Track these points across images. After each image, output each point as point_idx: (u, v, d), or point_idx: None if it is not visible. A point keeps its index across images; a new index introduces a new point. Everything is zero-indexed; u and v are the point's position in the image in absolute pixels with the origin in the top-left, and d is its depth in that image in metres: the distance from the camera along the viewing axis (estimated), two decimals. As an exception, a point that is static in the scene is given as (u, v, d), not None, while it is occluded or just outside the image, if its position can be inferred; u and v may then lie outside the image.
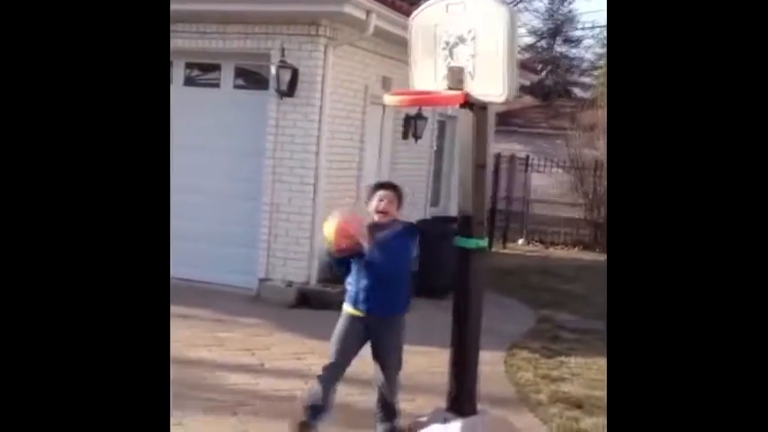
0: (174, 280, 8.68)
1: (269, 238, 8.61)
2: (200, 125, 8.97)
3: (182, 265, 8.83)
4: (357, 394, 5.43)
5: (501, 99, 4.39)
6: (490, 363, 6.38)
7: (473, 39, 4.42)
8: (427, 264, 9.31)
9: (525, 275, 11.47)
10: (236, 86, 9.14)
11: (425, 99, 4.88)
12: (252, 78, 9.15)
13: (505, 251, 14.62)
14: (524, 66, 15.53)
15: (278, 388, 5.64)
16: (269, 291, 8.48)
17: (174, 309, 7.78)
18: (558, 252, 15.49)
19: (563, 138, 16.41)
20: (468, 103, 4.47)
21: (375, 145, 10.30)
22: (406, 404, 5.46)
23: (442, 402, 4.89)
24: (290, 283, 8.46)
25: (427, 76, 4.68)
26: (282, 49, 8.33)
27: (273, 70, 8.40)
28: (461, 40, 4.48)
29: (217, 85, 9.16)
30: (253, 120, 8.72)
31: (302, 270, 8.58)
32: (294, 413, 4.58)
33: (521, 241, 16.08)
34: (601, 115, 14.96)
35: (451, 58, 4.55)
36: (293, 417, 4.56)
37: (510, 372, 6.46)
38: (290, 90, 8.37)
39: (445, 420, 4.70)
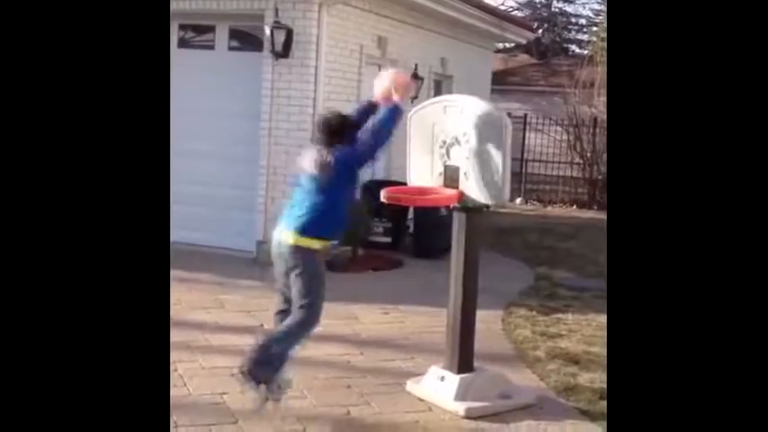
0: (173, 244, 8.70)
1: (266, 200, 8.61)
2: (195, 88, 8.92)
3: (181, 228, 8.85)
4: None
5: (493, 202, 4.69)
6: (488, 321, 6.44)
7: (467, 141, 4.67)
8: (423, 225, 9.34)
9: (523, 234, 11.50)
10: (231, 48, 9.07)
11: (421, 200, 5.14)
12: (246, 40, 9.07)
13: (503, 210, 14.64)
14: (521, 23, 15.42)
15: (278, 349, 5.69)
16: (268, 253, 8.46)
17: (173, 272, 7.80)
18: (555, 211, 15.52)
19: (561, 95, 16.33)
20: (463, 205, 4.73)
21: (371, 105, 10.24)
22: (403, 363, 5.53)
23: (440, 362, 4.96)
24: (288, 245, 8.47)
25: (424, 171, 4.95)
26: (276, 10, 8.24)
27: (268, 31, 8.33)
28: (457, 141, 4.75)
29: (211, 47, 9.09)
30: (248, 82, 8.66)
31: (300, 232, 8.59)
32: None
33: (518, 200, 16.10)
34: (599, 72, 14.87)
35: (448, 158, 4.81)
36: None
37: (508, 329, 6.52)
38: (284, 51, 8.30)
39: (442, 379, 4.77)
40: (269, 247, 8.50)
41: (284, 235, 4.43)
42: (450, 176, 4.78)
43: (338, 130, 4.43)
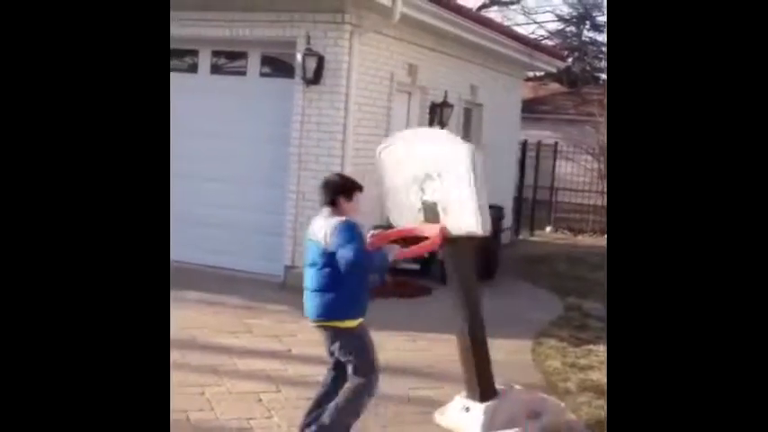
0: (201, 267, 8.78)
1: (295, 225, 8.62)
2: (226, 113, 9.00)
3: (209, 252, 8.92)
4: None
5: (478, 233, 4.54)
6: (517, 351, 6.36)
7: (440, 175, 4.59)
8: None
9: (553, 263, 11.39)
10: (263, 74, 9.14)
11: (408, 252, 4.66)
12: (278, 66, 9.14)
13: (533, 239, 14.54)
14: (551, 52, 15.40)
15: (304, 374, 5.66)
16: (295, 278, 8.45)
17: (200, 295, 7.87)
18: (585, 240, 15.37)
19: (591, 124, 16.25)
20: (450, 239, 4.61)
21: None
22: (430, 391, 5.46)
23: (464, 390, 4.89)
24: (316, 271, 8.46)
25: (403, 208, 4.84)
26: (308, 37, 8.31)
27: (299, 58, 8.39)
28: (429, 176, 4.65)
29: (243, 73, 9.17)
30: (279, 107, 8.72)
31: (328, 258, 8.58)
32: None
33: (548, 229, 15.98)
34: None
35: (423, 194, 4.70)
36: None
37: (537, 360, 6.43)
38: (315, 78, 8.36)
39: (467, 409, 4.70)
40: (297, 271, 8.54)
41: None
42: (431, 212, 4.67)
43: (338, 191, 4.31)
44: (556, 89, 23.57)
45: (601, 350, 6.80)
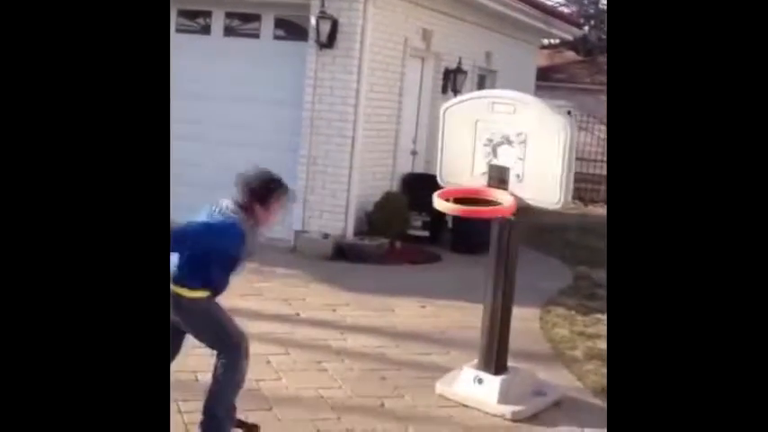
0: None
1: (305, 190, 8.62)
2: (238, 76, 8.96)
3: (220, 215, 8.93)
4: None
5: (557, 206, 4.46)
6: (526, 319, 6.37)
7: (523, 142, 4.43)
8: (462, 221, 9.27)
9: (564, 233, 11.37)
10: (276, 37, 9.08)
11: (480, 212, 4.72)
12: (292, 29, 9.07)
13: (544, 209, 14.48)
14: (568, 19, 15.22)
15: (313, 337, 5.70)
16: (305, 243, 8.52)
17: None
18: (597, 209, 15.31)
19: (605, 92, 16.08)
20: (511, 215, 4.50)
21: (414, 98, 10.20)
22: (438, 357, 5.49)
23: (475, 356, 4.90)
24: (326, 236, 8.50)
25: (462, 169, 4.69)
26: (322, 0, 8.24)
27: (313, 21, 8.33)
28: (508, 140, 4.50)
29: (256, 36, 9.10)
30: (292, 71, 8.68)
31: (338, 223, 8.60)
32: None
33: (568, 205, 15.90)
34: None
35: (494, 157, 4.55)
36: None
37: (545, 328, 6.45)
38: (329, 41, 8.30)
39: (480, 381, 4.69)
40: (307, 236, 8.56)
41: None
42: (498, 177, 4.55)
43: (255, 195, 3.67)
44: (571, 57, 23.33)
45: (609, 320, 6.81)
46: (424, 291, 7.28)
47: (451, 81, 10.60)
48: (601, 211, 15.19)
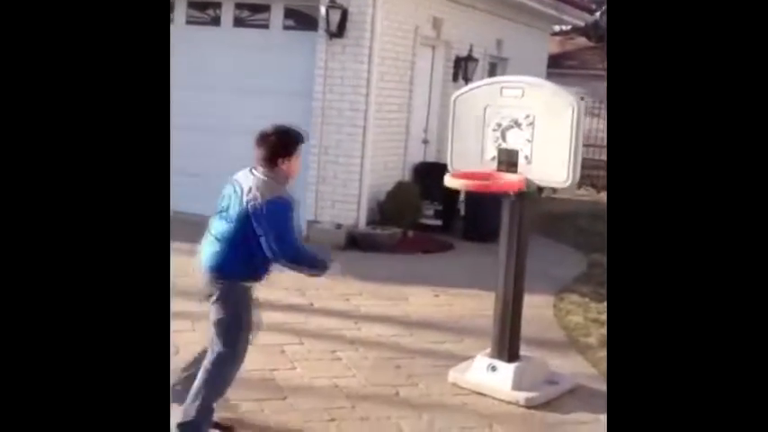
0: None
1: (317, 180, 8.63)
2: (248, 67, 8.95)
3: (232, 206, 8.94)
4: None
5: (565, 185, 4.54)
6: (540, 306, 6.36)
7: (531, 124, 4.52)
8: (474, 208, 9.27)
9: (576, 220, 11.33)
10: (286, 27, 9.06)
11: (489, 186, 4.80)
12: (301, 19, 9.05)
13: (556, 196, 14.42)
14: (579, 5, 15.10)
15: (327, 327, 5.71)
16: (318, 233, 8.53)
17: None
18: (610, 197, 15.24)
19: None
20: (519, 191, 4.58)
21: (425, 87, 10.17)
22: (452, 345, 5.49)
23: (489, 344, 4.90)
24: (338, 225, 8.50)
25: (472, 155, 4.75)
26: (332, -11, 8.22)
27: (323, 10, 8.31)
28: (516, 123, 4.57)
29: (266, 26, 9.09)
30: (302, 61, 8.67)
31: (351, 212, 8.61)
32: None
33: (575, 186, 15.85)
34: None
35: (503, 141, 4.62)
36: None
37: (559, 315, 6.43)
38: (339, 31, 8.28)
39: (493, 368, 4.70)
40: (320, 226, 8.57)
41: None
42: (507, 161, 4.61)
43: (278, 150, 3.75)
44: (583, 43, 23.18)
45: (623, 307, 6.79)
46: (437, 279, 7.28)
47: (462, 69, 10.56)
48: (614, 197, 15.11)
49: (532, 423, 4.36)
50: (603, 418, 4.44)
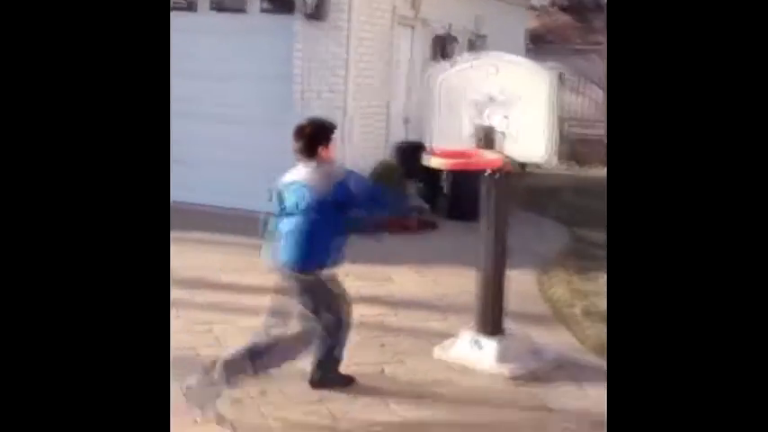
0: (206, 208, 8.80)
1: (300, 163, 8.61)
2: (226, 51, 8.90)
3: (215, 193, 8.92)
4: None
5: (542, 160, 4.66)
6: (524, 281, 6.41)
7: (507, 101, 4.54)
8: (456, 188, 9.29)
9: (559, 194, 11.39)
10: (263, 10, 8.98)
11: (469, 164, 4.88)
12: (278, 2, 8.98)
13: (539, 171, 14.48)
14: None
15: (312, 310, 5.72)
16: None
17: (206, 236, 7.92)
18: (593, 171, 15.30)
19: (597, 53, 16.01)
20: (499, 168, 4.63)
21: (404, 67, 10.15)
22: (437, 323, 5.53)
23: (472, 321, 4.94)
24: (322, 208, 8.50)
25: (450, 132, 4.78)
26: (307, -29, 8.17)
27: (299, -7, 8.26)
28: (493, 100, 4.60)
29: (243, 10, 9.02)
30: (280, 44, 8.62)
31: (335, 195, 8.59)
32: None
33: (555, 161, 15.89)
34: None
35: (480, 118, 4.64)
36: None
37: (543, 289, 6.48)
38: (317, 13, 8.24)
39: (477, 343, 4.75)
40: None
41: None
42: (485, 137, 4.63)
43: (317, 140, 4.08)
44: (563, 19, 23.15)
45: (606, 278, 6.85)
46: (421, 258, 7.31)
47: (441, 47, 10.54)
48: (595, 172, 15.19)
49: (518, 396, 4.40)
50: (588, 387, 4.50)
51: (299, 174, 4.11)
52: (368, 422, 3.99)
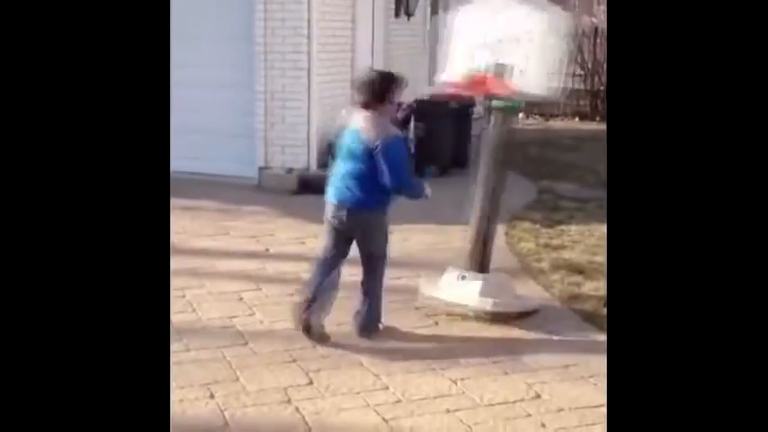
0: (175, 173, 8.62)
1: (265, 126, 8.57)
2: (185, 11, 8.73)
3: (182, 158, 8.78)
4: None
5: (550, 95, 5.05)
6: (492, 236, 6.47)
7: (531, 39, 4.79)
8: (426, 142, 9.29)
9: (525, 148, 11.45)
10: (221, -30, 8.85)
11: (489, 88, 5.01)
12: (236, -39, 8.84)
13: (504, 125, 14.52)
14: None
15: (284, 271, 5.76)
16: (270, 179, 8.52)
17: (177, 201, 7.85)
18: (557, 123, 15.42)
19: (561, 5, 15.98)
20: (500, 105, 4.96)
21: (367, 24, 10.07)
22: (410, 280, 5.59)
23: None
24: (290, 170, 8.49)
25: (460, 68, 4.97)
26: (265, -72, 8.03)
27: (257, -49, 8.13)
28: (507, 39, 4.83)
29: (202, -29, 8.86)
30: (240, 4, 8.50)
31: (301, 156, 8.58)
32: (294, 311, 4.60)
33: (519, 114, 15.96)
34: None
35: (496, 55, 4.86)
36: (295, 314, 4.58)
37: (511, 243, 6.56)
38: (275, -29, 8.12)
39: (463, 278, 4.91)
40: (271, 172, 8.55)
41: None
42: (498, 73, 4.84)
43: (377, 95, 4.31)
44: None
45: (573, 230, 6.95)
46: (390, 216, 7.33)
47: (404, 4, 10.47)
48: (561, 124, 15.29)
49: (495, 336, 4.50)
50: (557, 338, 4.61)
51: (359, 119, 4.36)
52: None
